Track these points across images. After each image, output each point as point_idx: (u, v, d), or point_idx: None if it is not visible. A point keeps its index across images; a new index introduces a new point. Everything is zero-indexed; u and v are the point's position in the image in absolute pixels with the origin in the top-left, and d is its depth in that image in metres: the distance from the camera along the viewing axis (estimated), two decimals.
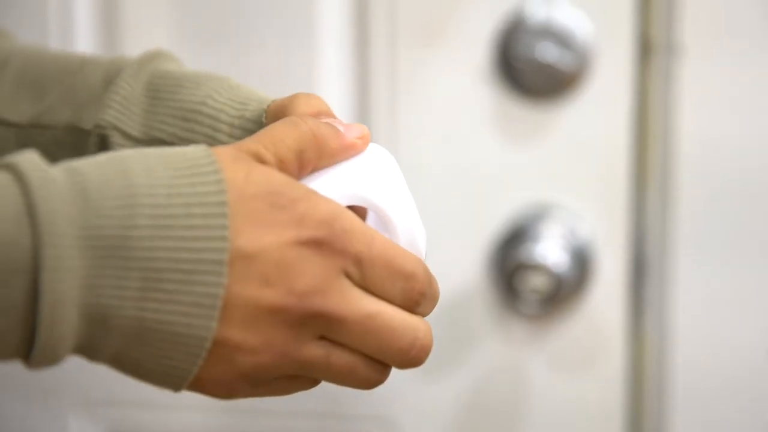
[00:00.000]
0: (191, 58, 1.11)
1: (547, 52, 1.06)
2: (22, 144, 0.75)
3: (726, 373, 1.11)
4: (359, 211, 0.66)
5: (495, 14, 1.08)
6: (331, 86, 1.12)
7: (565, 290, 1.06)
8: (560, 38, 1.06)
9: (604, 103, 1.08)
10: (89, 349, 0.58)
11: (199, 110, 0.70)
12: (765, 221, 1.08)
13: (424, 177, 1.11)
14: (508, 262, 1.08)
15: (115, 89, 0.72)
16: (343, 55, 1.12)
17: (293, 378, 0.63)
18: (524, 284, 1.06)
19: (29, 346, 0.56)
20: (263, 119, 0.68)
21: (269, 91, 1.13)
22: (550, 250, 1.07)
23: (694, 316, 1.11)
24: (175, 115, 0.71)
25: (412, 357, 0.62)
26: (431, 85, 1.09)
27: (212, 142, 0.69)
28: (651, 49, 1.08)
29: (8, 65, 0.77)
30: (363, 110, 1.12)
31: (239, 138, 0.68)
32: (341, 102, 1.13)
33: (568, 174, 1.10)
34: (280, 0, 1.10)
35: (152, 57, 0.74)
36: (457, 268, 1.12)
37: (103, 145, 0.73)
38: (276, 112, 0.68)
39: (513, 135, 1.10)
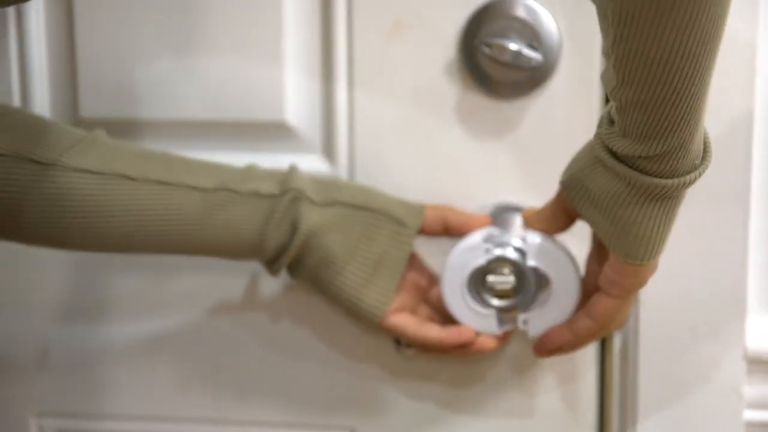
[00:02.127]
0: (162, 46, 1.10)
1: (514, 47, 1.05)
2: (207, 206, 0.99)
3: (695, 379, 1.11)
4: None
5: (462, 8, 1.07)
6: (296, 76, 1.11)
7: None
8: (527, 33, 1.05)
9: (571, 98, 1.08)
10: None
11: (372, 191, 1.05)
12: (740, 221, 1.08)
13: (384, 170, 1.10)
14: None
15: (290, 173, 1.03)
16: (306, 47, 1.11)
17: None
18: (491, 283, 1.05)
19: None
20: (420, 217, 1.05)
21: (241, 96, 1.11)
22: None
23: (661, 319, 1.11)
24: (354, 189, 1.05)
25: None
26: (395, 78, 1.09)
27: (387, 208, 1.05)
28: None
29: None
30: (326, 101, 1.11)
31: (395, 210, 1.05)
32: (308, 87, 1.12)
33: (534, 170, 1.09)
34: None
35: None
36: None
37: (293, 208, 1.01)
38: (435, 213, 1.06)
39: (479, 130, 1.09)
